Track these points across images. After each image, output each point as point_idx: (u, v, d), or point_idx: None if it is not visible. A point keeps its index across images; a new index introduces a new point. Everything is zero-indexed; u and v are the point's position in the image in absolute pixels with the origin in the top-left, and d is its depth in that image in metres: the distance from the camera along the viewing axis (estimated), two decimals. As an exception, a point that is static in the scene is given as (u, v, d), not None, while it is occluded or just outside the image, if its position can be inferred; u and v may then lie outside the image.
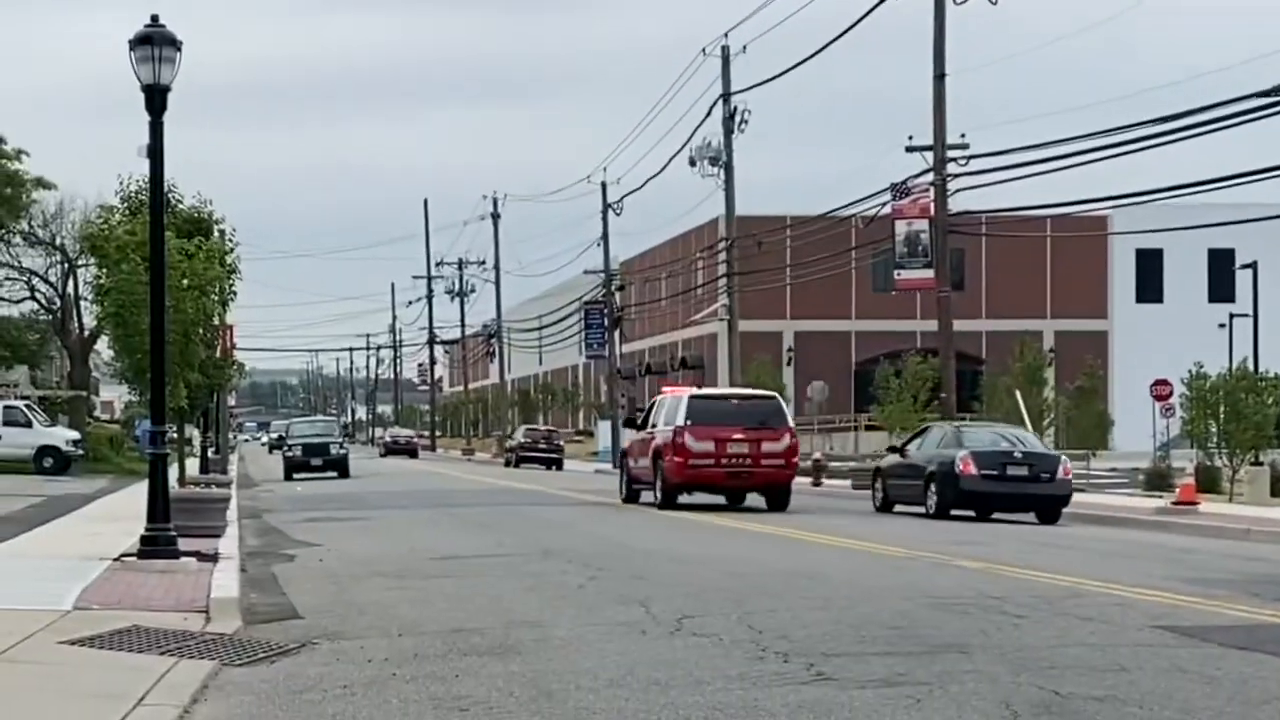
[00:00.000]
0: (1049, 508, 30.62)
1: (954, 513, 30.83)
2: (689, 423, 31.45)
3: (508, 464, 74.48)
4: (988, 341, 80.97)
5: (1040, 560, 20.07)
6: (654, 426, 33.24)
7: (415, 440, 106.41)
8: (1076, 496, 32.67)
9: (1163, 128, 33.13)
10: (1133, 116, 33.75)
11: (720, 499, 33.31)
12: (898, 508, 32.98)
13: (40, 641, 12.36)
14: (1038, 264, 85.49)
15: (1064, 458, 32.71)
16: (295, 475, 53.79)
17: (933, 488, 31.14)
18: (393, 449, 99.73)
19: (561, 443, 75.15)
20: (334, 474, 54.17)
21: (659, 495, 31.99)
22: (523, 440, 75.70)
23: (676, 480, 31.54)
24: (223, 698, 10.59)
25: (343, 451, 57.33)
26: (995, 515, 30.97)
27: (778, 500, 32.40)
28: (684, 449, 31.09)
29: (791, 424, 33.60)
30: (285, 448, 58.50)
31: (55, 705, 9.92)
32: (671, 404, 32.99)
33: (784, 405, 34.83)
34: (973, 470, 30.59)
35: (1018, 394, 42.57)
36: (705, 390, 38.06)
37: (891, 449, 36.07)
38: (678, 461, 31.26)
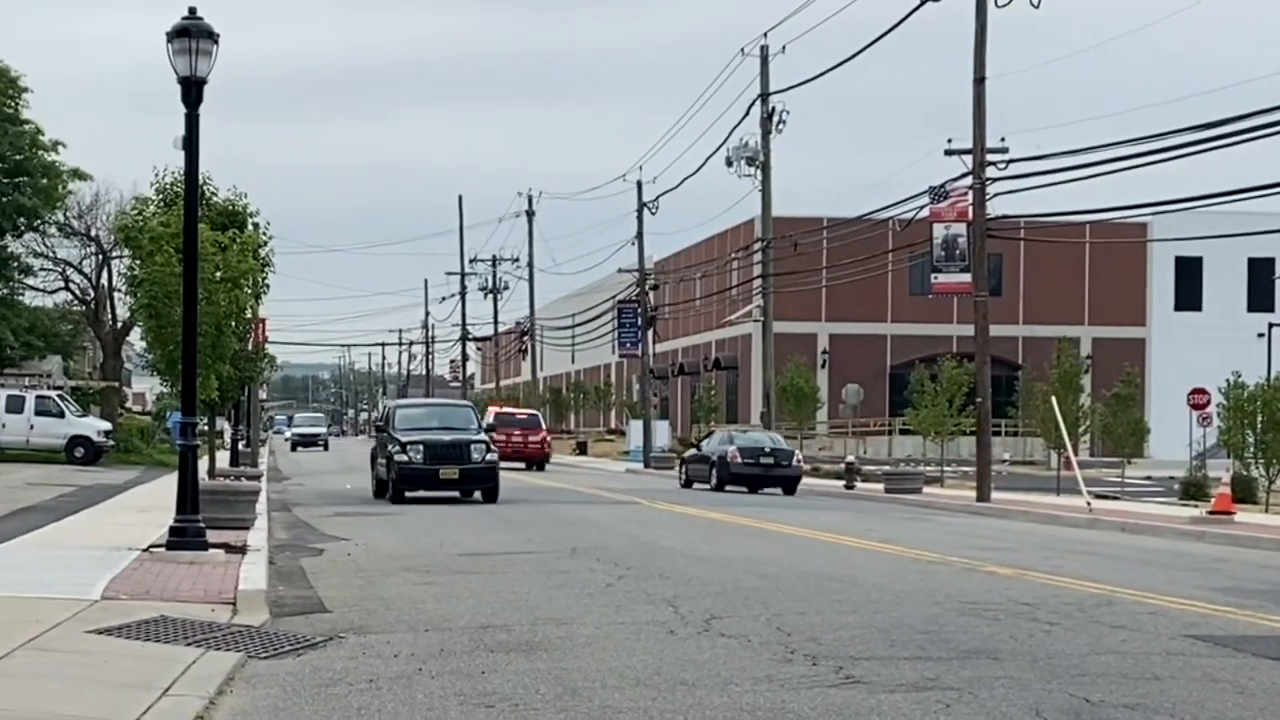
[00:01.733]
0: (788, 485, 44.33)
1: (728, 489, 43.83)
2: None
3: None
4: (1024, 347, 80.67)
5: (1072, 567, 19.94)
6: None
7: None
8: (1111, 505, 33.12)
9: (1204, 135, 32.86)
10: (1175, 123, 33.57)
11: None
12: (695, 485, 46.02)
13: (68, 630, 12.38)
14: (1076, 270, 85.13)
15: (797, 451, 47.50)
16: (413, 493, 34.84)
17: (714, 470, 44.76)
18: None
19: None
20: (478, 496, 35.61)
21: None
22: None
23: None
24: (248, 690, 10.57)
25: (489, 459, 35.82)
26: (753, 490, 43.75)
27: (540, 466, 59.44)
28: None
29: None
30: (391, 447, 34.93)
31: (82, 693, 9.90)
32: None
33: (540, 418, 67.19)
34: (739, 459, 44.27)
35: (1053, 400, 42.26)
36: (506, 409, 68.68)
37: (689, 444, 50.65)
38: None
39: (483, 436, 37.14)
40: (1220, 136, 32.40)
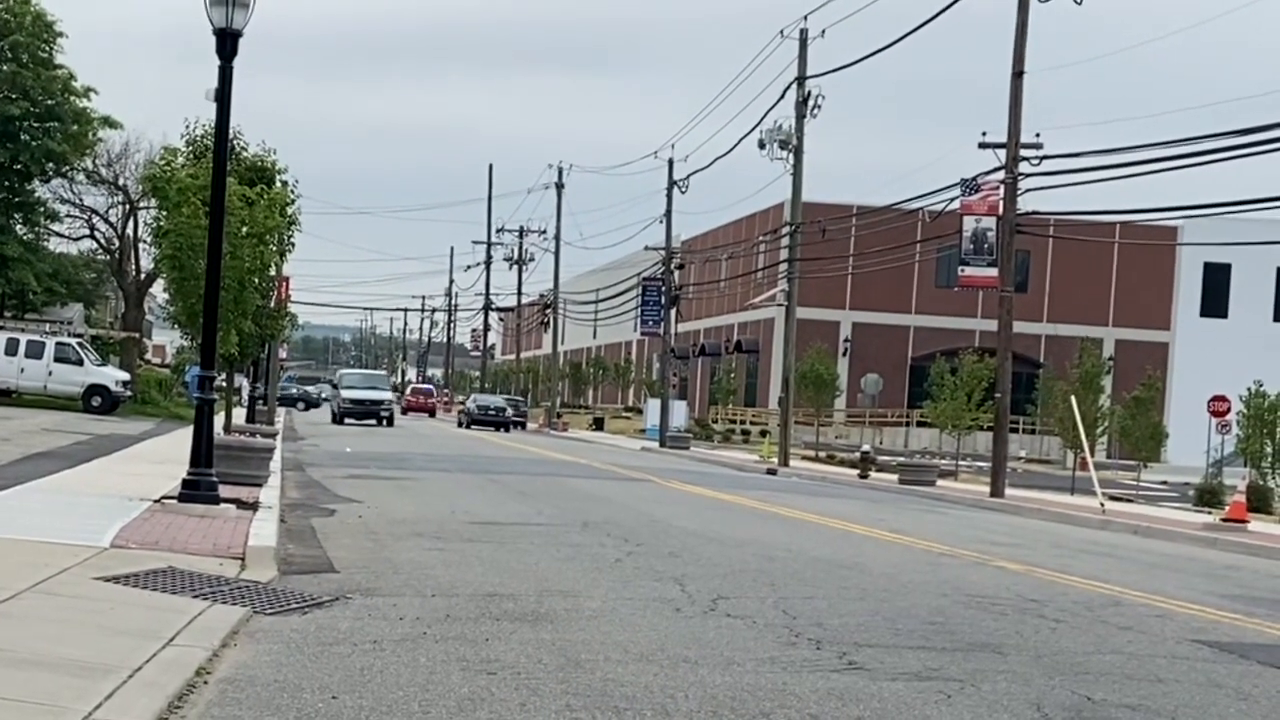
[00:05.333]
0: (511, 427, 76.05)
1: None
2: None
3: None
4: (1046, 345, 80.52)
5: (1082, 567, 19.91)
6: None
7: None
8: (1124, 507, 33.05)
9: (1240, 140, 32.69)
10: (1211, 127, 33.37)
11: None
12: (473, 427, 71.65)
13: (76, 576, 12.40)
14: (1103, 270, 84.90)
15: (520, 406, 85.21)
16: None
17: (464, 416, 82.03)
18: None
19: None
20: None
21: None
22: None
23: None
24: (252, 644, 10.58)
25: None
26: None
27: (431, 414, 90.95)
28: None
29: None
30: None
31: (86, 639, 9.92)
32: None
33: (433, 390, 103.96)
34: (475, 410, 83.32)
35: (1073, 399, 42.17)
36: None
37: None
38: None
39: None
40: (1257, 143, 32.23)
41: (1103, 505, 33.69)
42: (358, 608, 12.33)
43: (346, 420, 71.58)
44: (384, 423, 71.55)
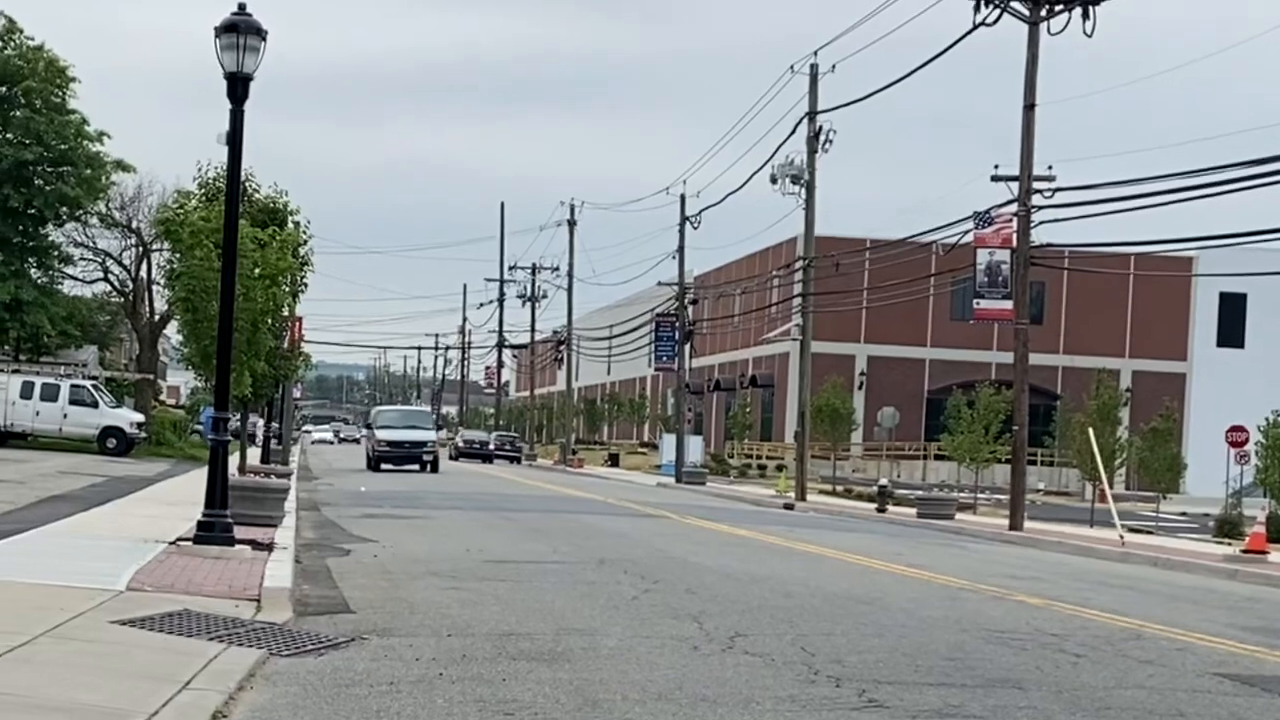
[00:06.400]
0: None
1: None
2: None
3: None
4: (1063, 377, 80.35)
5: (1102, 600, 19.78)
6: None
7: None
8: (1144, 539, 32.95)
9: (1254, 170, 32.61)
10: (1224, 157, 33.27)
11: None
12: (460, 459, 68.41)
13: (92, 620, 12.36)
14: (1118, 302, 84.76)
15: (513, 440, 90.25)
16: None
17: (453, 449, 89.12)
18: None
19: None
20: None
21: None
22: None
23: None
24: (269, 687, 10.52)
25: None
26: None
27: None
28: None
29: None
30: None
31: (102, 683, 9.87)
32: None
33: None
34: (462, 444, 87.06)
35: (1090, 431, 42.03)
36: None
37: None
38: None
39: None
40: (1272, 173, 32.14)
41: (1122, 537, 33.52)
42: (374, 648, 12.27)
43: (383, 466, 61.45)
44: (427, 468, 61.76)
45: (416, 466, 61.70)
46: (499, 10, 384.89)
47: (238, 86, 18.72)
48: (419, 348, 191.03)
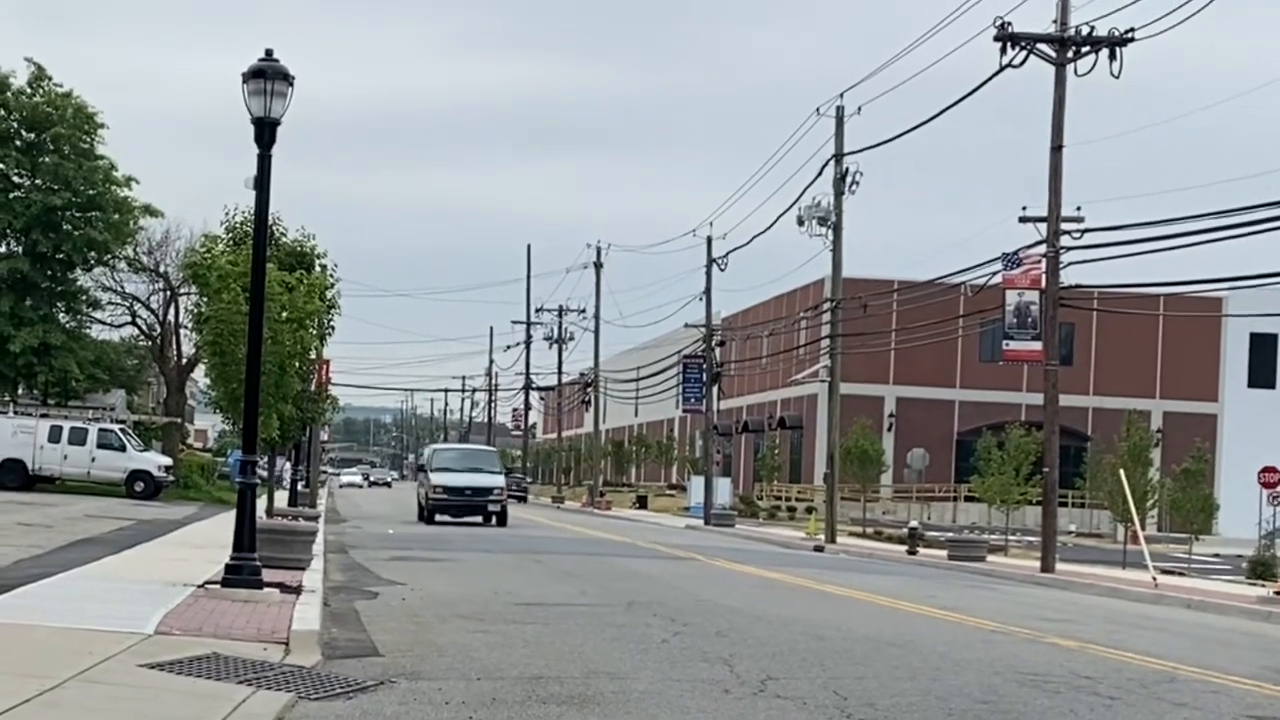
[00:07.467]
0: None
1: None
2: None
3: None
4: (1094, 418, 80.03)
5: (1136, 642, 19.60)
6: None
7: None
8: (1177, 581, 32.93)
9: (1282, 210, 32.44)
10: (1254, 198, 33.04)
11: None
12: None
13: (120, 663, 12.31)
14: (1148, 342, 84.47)
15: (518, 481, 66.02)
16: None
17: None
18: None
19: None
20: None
21: None
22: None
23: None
24: (295, 731, 10.45)
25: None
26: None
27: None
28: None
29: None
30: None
31: (127, 728, 9.81)
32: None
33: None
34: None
35: (1121, 473, 41.80)
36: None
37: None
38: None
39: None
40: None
41: (1155, 579, 33.27)
42: (403, 692, 12.19)
43: (438, 518, 51.15)
44: (493, 520, 51.45)
45: (480, 519, 51.60)
46: (529, 54, 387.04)
47: (265, 131, 18.76)
48: (446, 390, 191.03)
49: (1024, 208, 39.65)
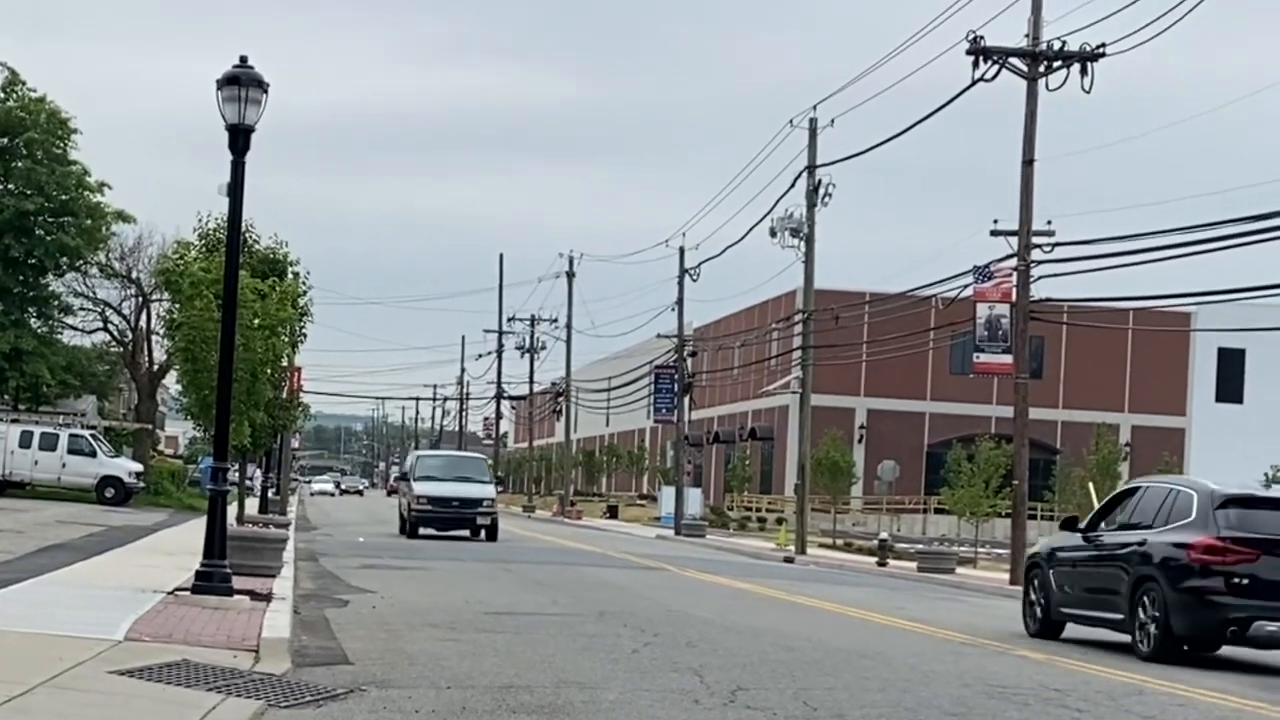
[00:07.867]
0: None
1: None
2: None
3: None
4: (1063, 431, 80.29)
5: (1104, 656, 19.69)
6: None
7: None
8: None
9: (1251, 226, 32.65)
10: (1222, 213, 33.24)
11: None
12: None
13: (90, 670, 12.30)
14: (1117, 356, 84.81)
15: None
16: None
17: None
18: None
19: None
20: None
21: None
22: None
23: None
24: (265, 739, 10.44)
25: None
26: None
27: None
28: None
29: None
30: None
31: (96, 735, 9.81)
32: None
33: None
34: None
35: (1090, 486, 42.02)
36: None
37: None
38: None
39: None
40: (1271, 229, 32.19)
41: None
42: (373, 700, 12.20)
43: (422, 531, 46.62)
44: (482, 534, 46.90)
45: (467, 532, 47.15)
46: (499, 62, 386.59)
47: (239, 138, 18.76)
48: (417, 398, 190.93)
49: (995, 221, 39.81)
